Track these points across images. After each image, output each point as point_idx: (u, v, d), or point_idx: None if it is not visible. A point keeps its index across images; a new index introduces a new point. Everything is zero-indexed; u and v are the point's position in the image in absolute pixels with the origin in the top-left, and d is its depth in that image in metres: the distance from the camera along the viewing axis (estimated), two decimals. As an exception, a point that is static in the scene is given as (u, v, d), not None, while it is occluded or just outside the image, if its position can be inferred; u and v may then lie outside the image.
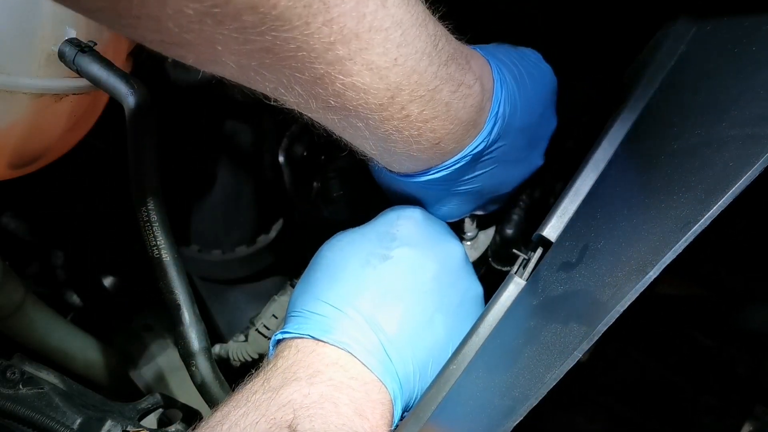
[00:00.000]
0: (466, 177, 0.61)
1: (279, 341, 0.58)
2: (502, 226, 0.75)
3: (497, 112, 0.57)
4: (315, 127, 0.54)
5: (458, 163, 0.58)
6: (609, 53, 0.84)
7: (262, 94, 0.49)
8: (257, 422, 0.49)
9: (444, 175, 0.59)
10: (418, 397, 0.57)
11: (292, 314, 0.59)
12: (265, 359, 0.58)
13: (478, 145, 0.57)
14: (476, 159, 0.59)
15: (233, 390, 0.54)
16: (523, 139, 0.63)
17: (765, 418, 0.80)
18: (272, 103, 0.50)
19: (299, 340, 0.56)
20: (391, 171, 0.61)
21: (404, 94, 0.48)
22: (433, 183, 0.60)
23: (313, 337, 0.55)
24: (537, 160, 0.69)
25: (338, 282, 0.59)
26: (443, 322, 0.59)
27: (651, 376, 1.00)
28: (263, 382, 0.52)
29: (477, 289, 0.64)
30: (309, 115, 0.51)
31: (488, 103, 0.57)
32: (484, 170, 0.61)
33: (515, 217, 0.75)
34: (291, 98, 0.48)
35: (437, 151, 0.55)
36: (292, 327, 0.57)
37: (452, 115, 0.52)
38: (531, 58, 0.66)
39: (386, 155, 0.57)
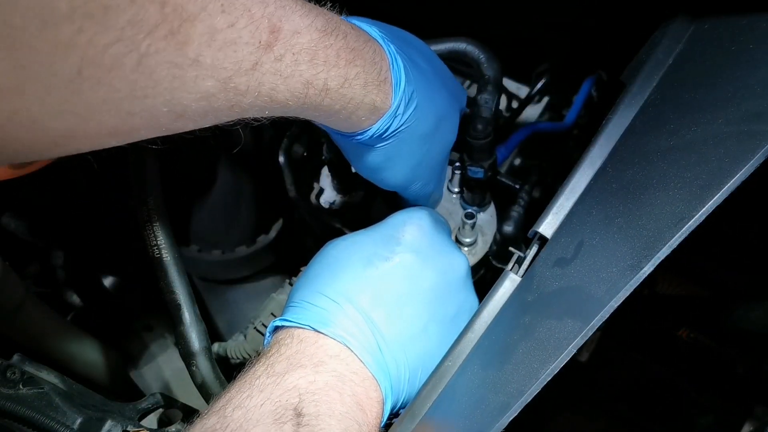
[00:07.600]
0: (383, 143, 0.61)
1: (277, 329, 0.58)
2: (502, 224, 0.75)
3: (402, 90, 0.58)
4: (315, 128, 0.55)
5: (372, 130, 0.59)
6: (608, 54, 0.84)
7: None
8: (262, 404, 0.49)
9: (366, 138, 0.60)
10: (405, 402, 0.57)
11: (292, 304, 0.59)
12: (263, 346, 0.58)
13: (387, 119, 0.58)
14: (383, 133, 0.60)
15: (234, 378, 0.53)
16: (428, 116, 0.63)
17: (765, 418, 0.80)
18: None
19: (300, 330, 0.56)
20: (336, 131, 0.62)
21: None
22: (361, 143, 0.61)
23: (313, 329, 0.55)
24: (448, 135, 0.69)
25: (339, 278, 0.59)
26: (437, 332, 0.60)
27: (651, 376, 1.00)
28: (266, 368, 0.52)
29: (473, 303, 0.64)
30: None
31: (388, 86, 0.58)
32: (400, 128, 0.61)
33: (515, 214, 0.75)
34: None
35: (354, 121, 0.57)
36: (291, 316, 0.57)
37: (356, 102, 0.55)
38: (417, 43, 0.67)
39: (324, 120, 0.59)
